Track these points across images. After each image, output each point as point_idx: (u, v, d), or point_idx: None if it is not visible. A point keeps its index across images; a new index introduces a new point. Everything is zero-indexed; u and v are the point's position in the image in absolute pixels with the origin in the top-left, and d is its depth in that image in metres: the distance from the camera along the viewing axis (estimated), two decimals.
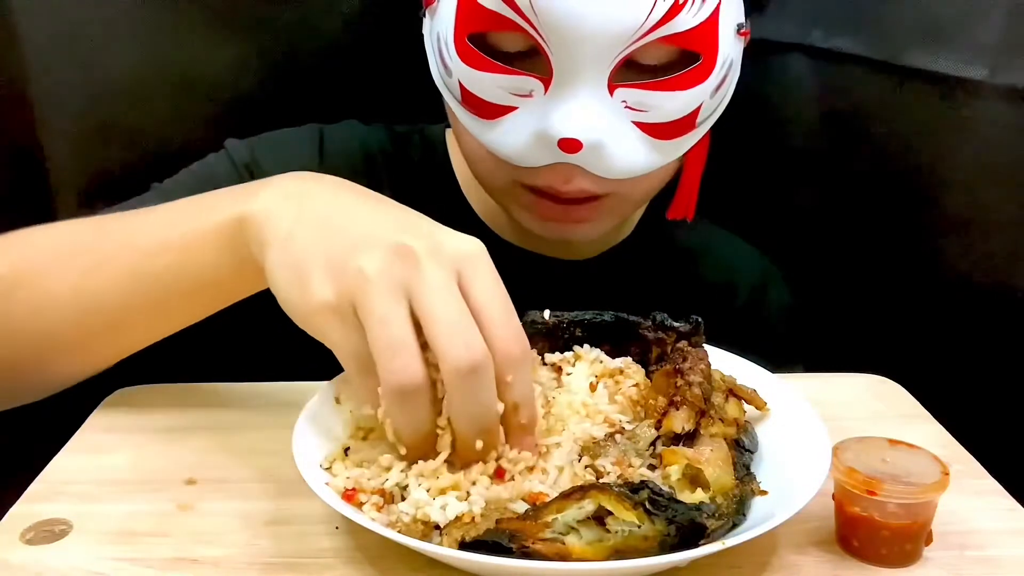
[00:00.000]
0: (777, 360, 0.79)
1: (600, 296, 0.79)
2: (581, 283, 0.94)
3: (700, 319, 0.73)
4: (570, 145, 0.76)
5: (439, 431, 0.62)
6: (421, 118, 0.99)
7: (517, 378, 0.60)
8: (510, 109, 0.79)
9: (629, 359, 0.75)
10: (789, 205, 1.11)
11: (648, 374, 0.73)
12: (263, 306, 0.80)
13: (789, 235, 1.09)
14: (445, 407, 0.61)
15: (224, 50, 1.04)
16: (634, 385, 0.71)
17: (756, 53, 1.06)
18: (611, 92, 0.77)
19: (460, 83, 0.80)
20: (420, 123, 1.01)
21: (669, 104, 0.78)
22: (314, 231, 0.63)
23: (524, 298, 0.80)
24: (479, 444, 0.61)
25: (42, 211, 1.03)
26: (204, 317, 0.75)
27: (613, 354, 0.75)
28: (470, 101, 0.80)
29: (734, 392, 0.71)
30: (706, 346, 0.73)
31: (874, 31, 1.01)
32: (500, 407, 0.60)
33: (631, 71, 0.78)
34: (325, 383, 0.72)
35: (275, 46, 1.06)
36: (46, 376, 0.77)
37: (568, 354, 0.75)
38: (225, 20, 1.04)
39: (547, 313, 0.77)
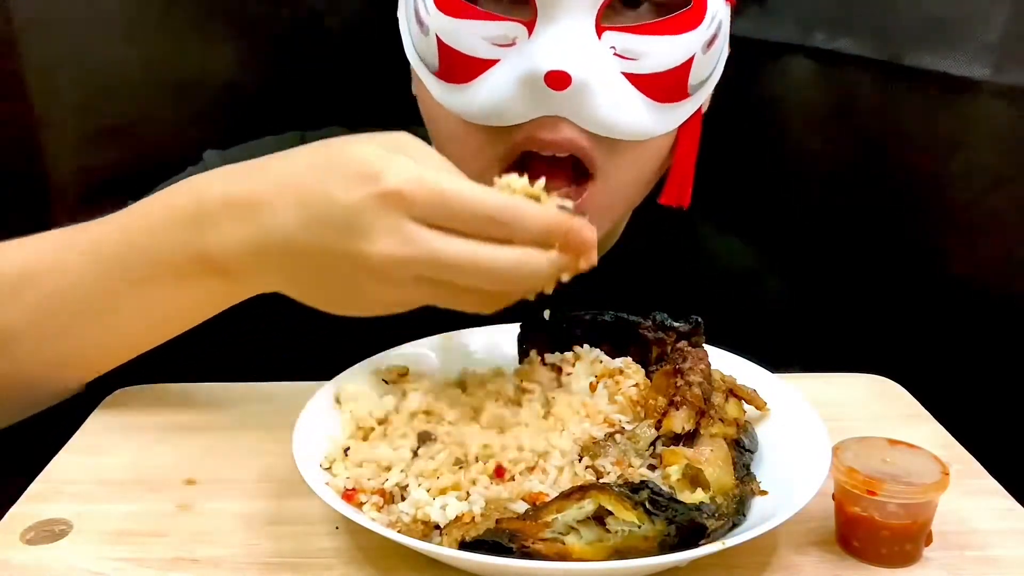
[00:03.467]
0: (773, 358, 0.79)
1: (592, 309, 0.78)
2: (561, 303, 0.91)
3: (700, 319, 0.73)
4: (557, 79, 0.71)
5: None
6: (418, 119, 0.99)
7: (526, 227, 0.62)
8: (491, 63, 0.76)
9: (629, 359, 0.75)
10: (790, 205, 1.11)
11: (648, 374, 0.73)
12: (263, 306, 0.80)
13: (790, 235, 1.09)
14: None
15: (223, 51, 1.04)
16: (634, 385, 0.71)
17: (758, 54, 1.06)
18: (599, 35, 0.74)
19: (438, 39, 0.77)
20: (412, 126, 1.00)
21: (660, 51, 0.76)
22: (295, 265, 0.66)
23: (512, 315, 0.79)
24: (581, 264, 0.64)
25: (42, 211, 1.03)
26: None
27: (613, 354, 0.75)
28: (448, 61, 0.77)
29: (734, 392, 0.71)
30: (706, 346, 0.73)
31: (876, 32, 1.01)
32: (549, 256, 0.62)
33: (620, 15, 0.76)
34: (325, 383, 0.72)
35: (274, 46, 1.06)
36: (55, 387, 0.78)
37: (568, 354, 0.75)
38: (224, 21, 1.04)
39: (547, 313, 0.77)
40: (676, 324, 0.74)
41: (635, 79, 0.76)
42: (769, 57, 1.06)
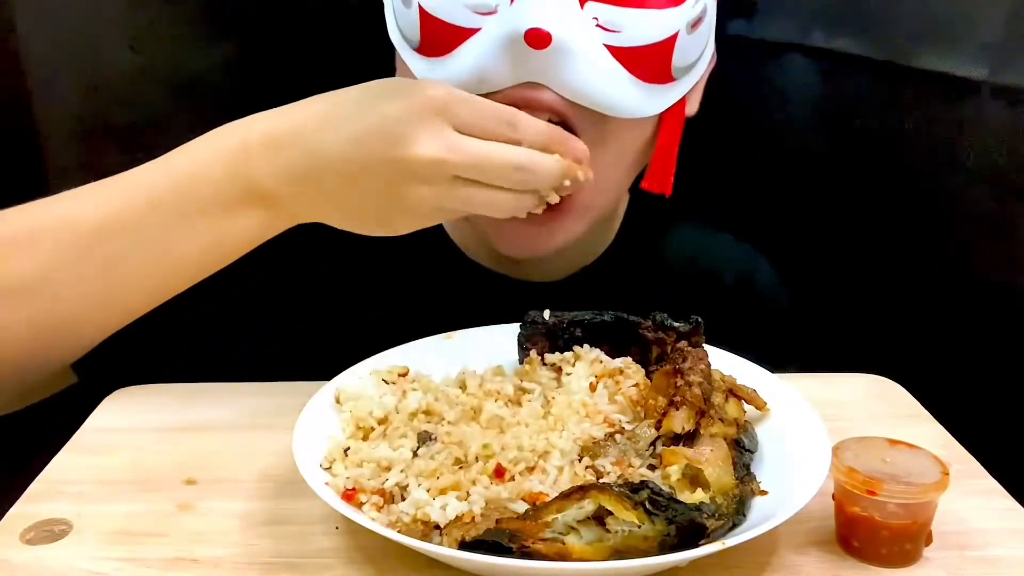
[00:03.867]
0: (773, 358, 0.79)
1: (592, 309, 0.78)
2: (557, 304, 0.91)
3: (700, 319, 0.73)
4: (537, 37, 0.72)
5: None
6: None
7: (536, 128, 0.72)
8: (472, 32, 0.76)
9: (629, 359, 0.75)
10: (789, 205, 1.11)
11: (648, 374, 0.73)
12: (263, 306, 0.80)
13: (789, 235, 1.09)
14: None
15: (223, 51, 1.04)
16: (634, 385, 0.71)
17: (756, 53, 1.06)
18: (581, 4, 0.75)
19: (421, 10, 0.78)
20: None
21: (643, 24, 0.76)
22: (346, 189, 0.72)
23: (512, 315, 0.79)
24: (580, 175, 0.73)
25: None
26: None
27: (613, 354, 0.75)
28: (430, 33, 0.78)
29: (734, 392, 0.71)
30: (706, 346, 0.73)
31: (874, 31, 1.01)
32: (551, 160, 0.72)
33: None
34: (325, 383, 0.72)
35: (274, 46, 1.06)
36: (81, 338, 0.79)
37: (568, 354, 0.75)
38: (224, 21, 1.04)
39: (547, 313, 0.77)
40: (676, 324, 0.74)
41: (618, 52, 0.76)
42: (767, 56, 1.06)
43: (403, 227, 0.74)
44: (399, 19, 0.82)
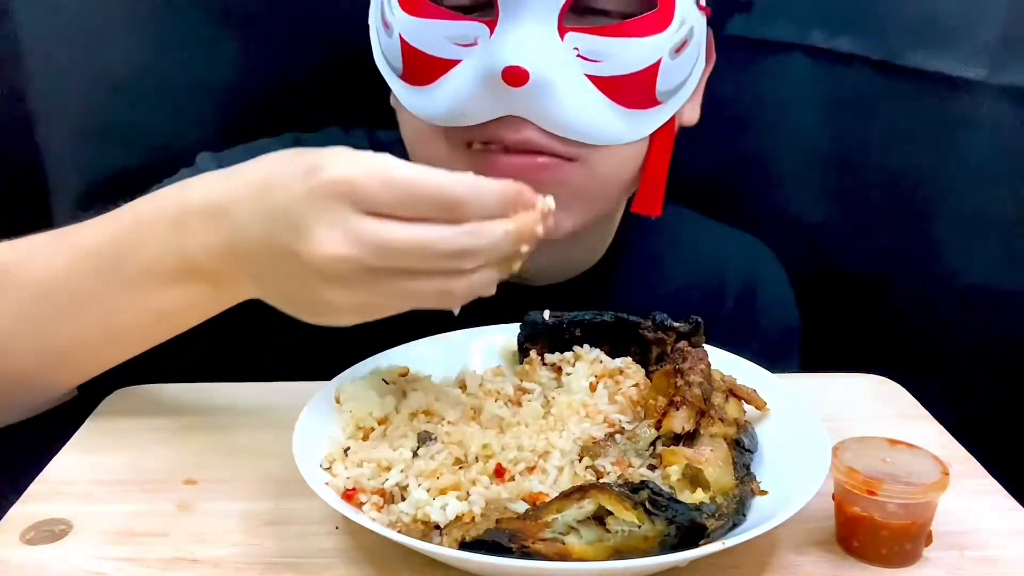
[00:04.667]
0: (772, 358, 0.78)
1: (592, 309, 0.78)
2: (556, 309, 0.90)
3: (700, 319, 0.73)
4: (514, 75, 0.71)
5: None
6: None
7: (481, 202, 0.59)
8: (453, 63, 0.75)
9: (629, 359, 0.75)
10: (787, 203, 1.11)
11: (648, 374, 0.73)
12: (263, 306, 0.80)
13: (788, 235, 1.09)
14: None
15: (224, 50, 1.04)
16: (634, 385, 0.71)
17: (756, 53, 1.06)
18: (562, 36, 0.74)
19: (401, 39, 0.77)
20: None
21: (624, 53, 0.75)
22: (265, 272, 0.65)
23: (512, 315, 0.79)
24: (524, 249, 0.61)
25: (40, 212, 1.03)
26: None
27: (613, 354, 0.75)
28: (411, 62, 0.77)
29: (734, 392, 0.71)
30: (706, 346, 0.73)
31: (873, 31, 1.01)
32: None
33: (583, 17, 0.75)
34: (325, 383, 0.72)
35: (275, 46, 1.06)
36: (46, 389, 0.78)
37: (568, 354, 0.75)
38: (225, 20, 1.04)
39: (547, 313, 0.78)
40: (676, 324, 0.74)
41: (599, 81, 0.75)
42: (766, 55, 1.06)
43: (337, 321, 0.65)
44: (383, 46, 0.81)
